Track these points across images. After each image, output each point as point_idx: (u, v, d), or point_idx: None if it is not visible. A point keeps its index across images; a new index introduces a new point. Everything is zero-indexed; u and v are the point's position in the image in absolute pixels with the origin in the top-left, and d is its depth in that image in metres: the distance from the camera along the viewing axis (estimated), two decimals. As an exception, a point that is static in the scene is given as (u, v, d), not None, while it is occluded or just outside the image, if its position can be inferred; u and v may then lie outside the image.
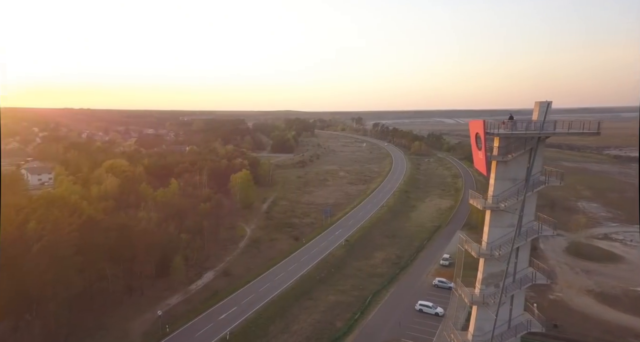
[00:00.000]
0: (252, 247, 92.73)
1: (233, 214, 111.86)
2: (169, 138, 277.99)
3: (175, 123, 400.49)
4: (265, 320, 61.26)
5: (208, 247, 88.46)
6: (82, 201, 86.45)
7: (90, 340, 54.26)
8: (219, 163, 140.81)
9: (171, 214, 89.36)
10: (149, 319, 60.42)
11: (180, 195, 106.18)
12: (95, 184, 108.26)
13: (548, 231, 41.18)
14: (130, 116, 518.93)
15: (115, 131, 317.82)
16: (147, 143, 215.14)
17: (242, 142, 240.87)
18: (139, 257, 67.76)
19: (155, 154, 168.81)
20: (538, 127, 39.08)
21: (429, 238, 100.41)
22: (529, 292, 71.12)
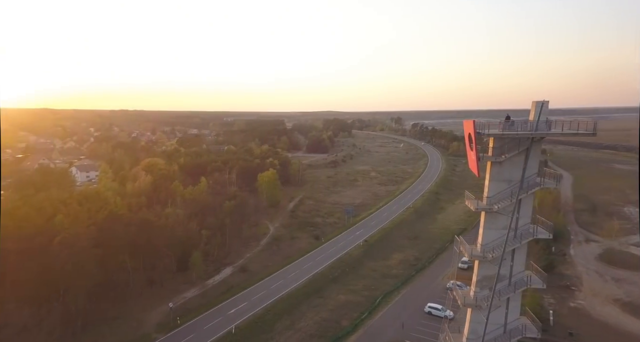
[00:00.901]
0: (272, 244, 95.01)
1: (259, 212, 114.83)
2: (210, 138, 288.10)
3: (218, 124, 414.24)
4: (273, 316, 63.02)
5: (230, 244, 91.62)
6: (116, 196, 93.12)
7: (107, 328, 58.20)
8: (250, 162, 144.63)
9: (195, 211, 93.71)
10: (164, 310, 63.79)
11: (209, 193, 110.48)
12: (131, 181, 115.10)
13: (544, 234, 40.28)
14: (178, 117, 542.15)
15: (162, 131, 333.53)
16: (187, 143, 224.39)
17: (279, 142, 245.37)
18: (158, 252, 71.59)
19: (192, 154, 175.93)
20: (532, 127, 38.35)
21: (451, 241, 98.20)
22: (548, 299, 68.60)
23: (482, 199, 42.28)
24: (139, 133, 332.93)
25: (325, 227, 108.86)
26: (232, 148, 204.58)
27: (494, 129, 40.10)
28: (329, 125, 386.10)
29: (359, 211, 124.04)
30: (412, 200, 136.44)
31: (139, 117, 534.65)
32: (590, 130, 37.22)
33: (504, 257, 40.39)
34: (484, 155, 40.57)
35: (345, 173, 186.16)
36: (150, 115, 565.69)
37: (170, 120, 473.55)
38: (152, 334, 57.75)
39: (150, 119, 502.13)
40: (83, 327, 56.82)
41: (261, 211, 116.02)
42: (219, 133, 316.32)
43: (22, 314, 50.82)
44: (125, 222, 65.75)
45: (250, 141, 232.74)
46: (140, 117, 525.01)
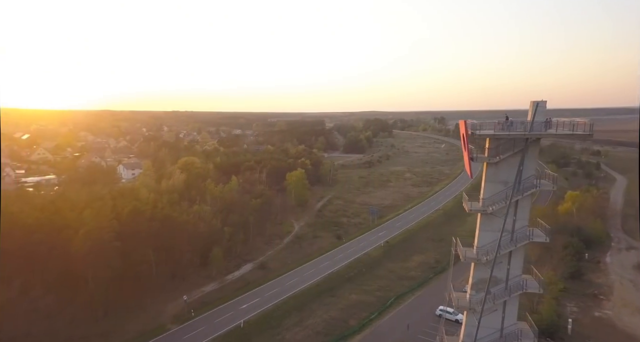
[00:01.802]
0: (294, 243, 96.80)
1: (286, 210, 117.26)
2: (252, 138, 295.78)
3: (261, 124, 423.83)
4: (282, 312, 64.54)
5: (253, 241, 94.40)
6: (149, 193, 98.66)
7: (127, 317, 61.97)
8: (282, 162, 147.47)
9: (221, 208, 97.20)
10: (182, 303, 67.02)
11: (238, 191, 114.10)
12: (166, 178, 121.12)
13: (540, 237, 39.25)
14: (225, 118, 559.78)
15: (207, 131, 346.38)
16: (227, 142, 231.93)
17: (316, 142, 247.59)
18: (180, 247, 75.24)
19: (229, 153, 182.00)
20: (527, 128, 37.56)
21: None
22: (570, 307, 65.56)
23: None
24: (186, 133, 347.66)
25: (349, 227, 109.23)
26: (270, 148, 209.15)
27: (488, 129, 39.57)
28: (369, 125, 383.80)
29: (387, 211, 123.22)
30: (444, 202, 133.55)
31: (188, 118, 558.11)
32: (587, 131, 36.06)
33: (500, 260, 39.92)
34: (478, 156, 40.16)
35: (378, 173, 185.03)
36: (199, 116, 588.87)
37: (217, 121, 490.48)
38: (167, 325, 61.04)
39: (199, 119, 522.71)
40: (105, 315, 61.11)
41: (288, 210, 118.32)
42: (259, 133, 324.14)
43: (47, 300, 55.39)
44: (147, 218, 69.68)
45: (288, 141, 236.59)
46: (190, 118, 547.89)
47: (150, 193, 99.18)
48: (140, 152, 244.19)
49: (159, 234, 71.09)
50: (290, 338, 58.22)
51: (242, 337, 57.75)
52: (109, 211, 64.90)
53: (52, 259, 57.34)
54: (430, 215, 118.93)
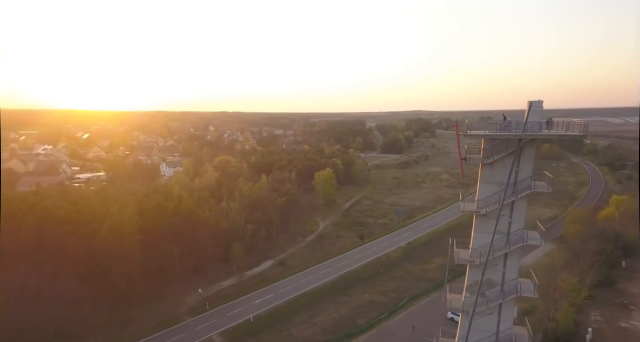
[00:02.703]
0: (317, 241, 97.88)
1: (313, 209, 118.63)
2: (292, 138, 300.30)
3: (303, 124, 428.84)
4: (293, 309, 65.73)
5: (276, 238, 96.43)
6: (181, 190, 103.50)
7: (147, 307, 65.42)
8: (314, 162, 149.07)
9: (247, 206, 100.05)
10: (197, 296, 70.01)
11: (267, 190, 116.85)
12: (200, 176, 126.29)
13: (535, 240, 38.30)
14: (269, 118, 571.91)
15: (250, 131, 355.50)
16: (266, 142, 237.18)
17: (353, 142, 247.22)
18: (202, 242, 78.43)
19: (266, 152, 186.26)
20: (521, 128, 36.89)
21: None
22: (595, 316, 62.09)
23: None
24: (231, 133, 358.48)
25: (374, 227, 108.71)
26: (306, 148, 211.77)
27: (479, 130, 39.28)
28: (410, 125, 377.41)
29: (416, 213, 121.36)
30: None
31: (235, 118, 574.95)
32: (581, 131, 34.96)
33: (496, 263, 39.49)
34: (471, 156, 39.87)
35: (413, 174, 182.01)
36: (245, 117, 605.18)
37: (261, 121, 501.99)
38: (183, 316, 64.06)
39: (245, 120, 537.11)
40: (126, 305, 64.98)
41: (315, 209, 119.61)
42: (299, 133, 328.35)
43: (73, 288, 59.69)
44: (170, 213, 73.35)
45: (325, 141, 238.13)
46: (236, 119, 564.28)
47: (182, 190, 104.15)
48: (184, 151, 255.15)
49: (181, 229, 74.64)
50: (297, 334, 59.27)
51: (250, 331, 59.52)
52: (131, 206, 68.98)
53: (80, 249, 61.88)
54: (460, 217, 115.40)
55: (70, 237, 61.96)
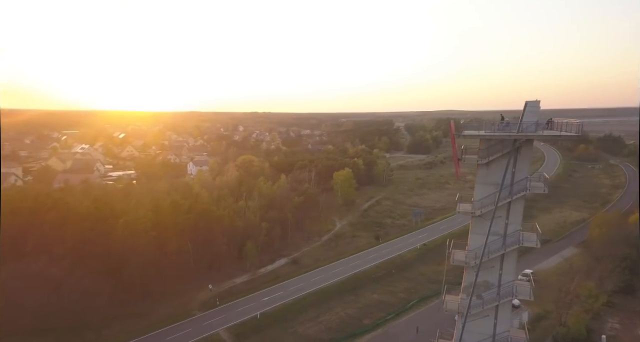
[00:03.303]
0: (332, 241, 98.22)
1: (331, 209, 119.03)
2: (318, 138, 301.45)
3: (330, 124, 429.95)
4: (301, 307, 66.40)
5: (292, 237, 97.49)
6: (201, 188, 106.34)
7: (161, 301, 67.69)
8: (334, 161, 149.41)
9: (264, 205, 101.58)
10: (212, 292, 71.79)
11: (286, 189, 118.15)
12: (221, 175, 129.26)
13: (532, 242, 37.66)
14: (298, 118, 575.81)
15: (277, 132, 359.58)
16: (290, 142, 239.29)
17: (379, 142, 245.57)
18: (216, 239, 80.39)
19: (290, 152, 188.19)
20: (519, 128, 36.52)
21: (524, 251, 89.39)
22: (612, 323, 59.73)
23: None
24: (259, 133, 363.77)
25: (392, 228, 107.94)
26: (330, 148, 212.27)
27: (467, 131, 39.07)
28: (440, 125, 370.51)
29: (436, 214, 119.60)
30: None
31: (264, 118, 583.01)
32: (577, 132, 34.24)
33: (492, 264, 39.11)
34: (465, 157, 39.70)
35: (438, 175, 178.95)
36: (274, 117, 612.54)
37: (289, 122, 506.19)
38: (194, 311, 65.95)
39: (274, 120, 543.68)
40: (141, 298, 67.44)
41: (334, 209, 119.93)
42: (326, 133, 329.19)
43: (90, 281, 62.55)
44: (185, 211, 75.63)
45: (350, 141, 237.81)
46: (265, 119, 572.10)
47: (202, 188, 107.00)
48: (212, 150, 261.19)
49: (196, 227, 76.91)
50: (302, 332, 59.92)
51: (256, 327, 60.64)
52: (146, 203, 71.63)
53: (98, 244, 64.93)
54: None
55: (89, 232, 65.14)
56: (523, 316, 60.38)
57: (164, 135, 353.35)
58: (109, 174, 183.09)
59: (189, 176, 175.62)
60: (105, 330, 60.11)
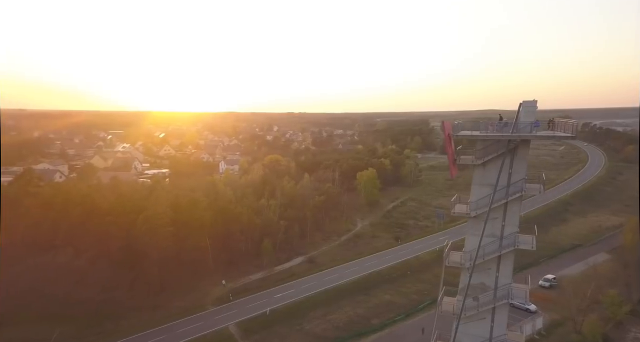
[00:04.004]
0: (351, 241, 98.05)
1: (354, 209, 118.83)
2: (350, 138, 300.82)
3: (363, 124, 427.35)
4: (310, 305, 66.91)
5: (311, 236, 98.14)
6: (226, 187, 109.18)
7: (178, 295, 70.04)
8: (360, 161, 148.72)
9: (284, 203, 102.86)
10: (228, 287, 73.53)
11: (309, 188, 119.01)
12: (247, 174, 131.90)
13: (527, 245, 36.74)
14: (333, 118, 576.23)
15: (310, 132, 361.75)
16: (321, 142, 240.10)
17: (411, 142, 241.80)
18: (235, 236, 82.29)
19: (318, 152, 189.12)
20: (513, 129, 35.97)
21: (551, 256, 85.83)
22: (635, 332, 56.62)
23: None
24: (292, 133, 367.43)
25: (414, 229, 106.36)
26: (360, 148, 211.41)
27: (462, 131, 38.67)
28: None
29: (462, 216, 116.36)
30: (530, 209, 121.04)
31: (299, 118, 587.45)
32: (571, 132, 33.30)
33: (489, 266, 38.49)
34: (461, 157, 39.31)
35: (469, 176, 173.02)
36: (309, 117, 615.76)
37: (324, 122, 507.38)
38: (207, 305, 67.88)
39: (309, 120, 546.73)
40: (160, 291, 70.27)
41: (356, 209, 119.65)
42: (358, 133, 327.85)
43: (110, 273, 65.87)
44: (203, 208, 77.93)
45: (381, 141, 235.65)
46: (300, 119, 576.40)
47: (226, 186, 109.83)
48: (246, 149, 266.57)
49: (214, 224, 79.04)
50: (309, 330, 60.45)
51: (264, 323, 61.72)
52: (165, 200, 74.43)
53: (119, 238, 68.29)
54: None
55: (111, 226, 68.56)
56: (537, 321, 58.21)
57: (201, 135, 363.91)
58: (145, 172, 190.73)
59: (221, 174, 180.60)
60: (123, 320, 62.96)
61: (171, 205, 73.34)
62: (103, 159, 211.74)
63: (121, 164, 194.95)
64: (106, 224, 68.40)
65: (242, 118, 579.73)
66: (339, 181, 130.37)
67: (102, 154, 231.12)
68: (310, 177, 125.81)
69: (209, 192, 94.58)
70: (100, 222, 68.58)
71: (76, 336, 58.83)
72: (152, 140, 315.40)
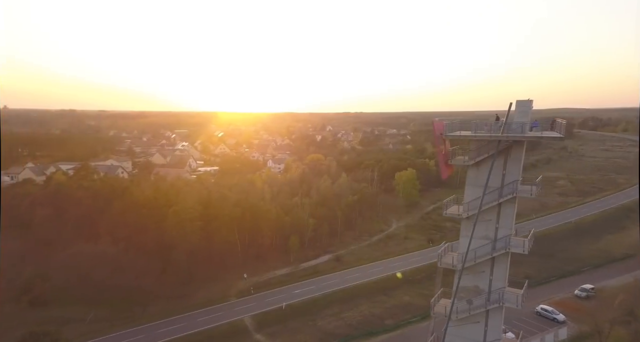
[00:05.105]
0: (382, 241, 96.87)
1: (390, 209, 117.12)
2: (402, 138, 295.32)
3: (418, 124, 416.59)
4: (327, 302, 67.35)
5: (342, 235, 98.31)
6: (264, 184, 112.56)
7: (204, 286, 73.01)
8: (403, 162, 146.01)
9: (316, 202, 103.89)
10: (252, 281, 75.85)
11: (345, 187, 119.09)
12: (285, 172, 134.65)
13: (519, 248, 35.15)
14: (388, 118, 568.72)
15: (362, 131, 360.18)
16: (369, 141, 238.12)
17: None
18: (263, 232, 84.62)
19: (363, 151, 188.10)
20: (502, 129, 34.87)
21: (597, 265, 79.28)
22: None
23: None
24: (345, 133, 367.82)
25: (450, 232, 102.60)
26: (408, 147, 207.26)
27: (454, 132, 37.67)
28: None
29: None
30: (584, 215, 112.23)
31: (354, 118, 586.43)
32: (560, 132, 31.80)
33: (482, 269, 37.45)
34: (454, 158, 38.44)
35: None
36: (365, 117, 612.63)
37: (379, 121, 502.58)
38: (230, 297, 70.56)
39: (364, 120, 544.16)
40: (188, 281, 73.98)
41: (393, 209, 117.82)
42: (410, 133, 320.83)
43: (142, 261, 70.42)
44: (232, 203, 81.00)
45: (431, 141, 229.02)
46: (356, 119, 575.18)
47: (264, 184, 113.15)
48: (296, 149, 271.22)
49: (243, 219, 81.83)
50: (321, 326, 60.94)
51: (279, 317, 63.10)
52: (194, 195, 78.31)
53: (152, 229, 73.05)
54: (554, 227, 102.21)
55: (145, 218, 73.57)
56: (561, 332, 54.42)
57: (257, 135, 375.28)
58: (198, 169, 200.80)
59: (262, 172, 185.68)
60: (151, 307, 67.17)
61: (200, 200, 76.92)
62: (162, 156, 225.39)
63: (177, 161, 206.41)
64: (141, 216, 73.46)
65: (298, 118, 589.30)
66: (377, 180, 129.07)
67: (163, 151, 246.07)
68: (347, 177, 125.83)
69: (244, 189, 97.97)
70: (136, 214, 73.77)
71: (108, 318, 63.75)
72: (210, 140, 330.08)
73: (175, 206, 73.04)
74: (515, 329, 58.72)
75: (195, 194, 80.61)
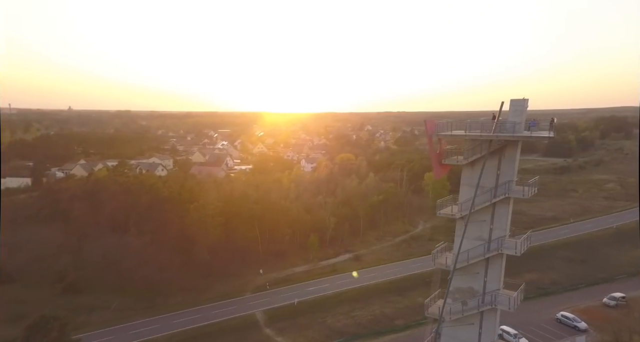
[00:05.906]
0: (405, 242, 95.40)
1: (418, 210, 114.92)
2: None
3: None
4: (338, 301, 67.35)
5: (364, 235, 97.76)
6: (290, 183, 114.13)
7: (223, 280, 74.91)
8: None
9: (339, 201, 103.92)
10: (269, 277, 77.20)
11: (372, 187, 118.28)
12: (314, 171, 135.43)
13: (510, 250, 34.14)
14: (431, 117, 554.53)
15: (402, 131, 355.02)
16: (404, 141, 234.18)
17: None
18: (283, 230, 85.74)
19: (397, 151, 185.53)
20: (494, 129, 34.27)
21: (633, 274, 74.12)
22: None
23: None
24: (383, 132, 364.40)
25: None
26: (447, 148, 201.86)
27: (445, 131, 37.09)
28: (599, 124, 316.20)
29: (539, 224, 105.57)
30: (630, 219, 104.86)
31: (396, 117, 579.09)
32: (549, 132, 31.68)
33: (477, 270, 36.82)
34: (448, 158, 37.86)
35: (567, 181, 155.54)
36: (407, 116, 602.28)
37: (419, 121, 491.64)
38: (245, 292, 72.10)
39: (405, 119, 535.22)
40: (208, 275, 76.33)
41: (421, 210, 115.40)
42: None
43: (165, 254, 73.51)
44: (252, 201, 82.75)
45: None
46: (397, 118, 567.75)
47: (290, 183, 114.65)
48: (332, 148, 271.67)
49: (263, 217, 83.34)
50: (331, 324, 61.08)
51: (290, 313, 63.86)
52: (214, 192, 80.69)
53: (175, 224, 76.11)
54: (593, 232, 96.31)
55: (169, 213, 76.78)
56: (578, 339, 51.50)
57: (295, 134, 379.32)
58: (235, 167, 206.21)
59: (304, 171, 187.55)
60: (172, 298, 70.03)
61: (221, 197, 79.19)
62: (202, 154, 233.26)
63: (215, 160, 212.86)
64: (165, 211, 76.74)
65: (339, 118, 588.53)
66: (406, 181, 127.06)
67: (203, 150, 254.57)
68: (375, 177, 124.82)
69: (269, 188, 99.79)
70: (161, 209, 77.15)
71: (131, 307, 67.09)
72: (249, 139, 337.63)
73: (196, 202, 75.61)
74: (530, 335, 56.37)
75: (217, 191, 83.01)
